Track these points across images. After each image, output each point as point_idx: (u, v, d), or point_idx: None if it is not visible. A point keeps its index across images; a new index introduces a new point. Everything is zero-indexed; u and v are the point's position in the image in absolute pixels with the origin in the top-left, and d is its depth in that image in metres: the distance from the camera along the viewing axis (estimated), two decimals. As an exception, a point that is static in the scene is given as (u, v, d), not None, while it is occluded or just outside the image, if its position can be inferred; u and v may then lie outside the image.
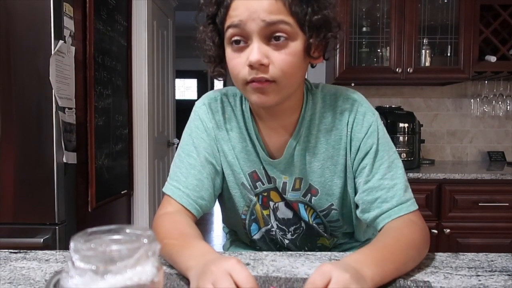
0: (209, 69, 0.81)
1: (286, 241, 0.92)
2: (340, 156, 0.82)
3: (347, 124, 0.81)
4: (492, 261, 0.73)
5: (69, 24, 1.73)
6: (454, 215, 2.00)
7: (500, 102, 2.53)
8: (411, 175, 1.97)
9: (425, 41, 2.30)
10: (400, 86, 2.61)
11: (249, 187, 0.87)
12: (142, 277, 0.37)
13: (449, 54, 2.33)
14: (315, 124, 0.82)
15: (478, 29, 2.23)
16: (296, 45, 0.71)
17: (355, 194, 0.84)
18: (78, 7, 1.84)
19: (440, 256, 0.76)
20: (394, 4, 2.22)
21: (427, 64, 2.31)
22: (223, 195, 0.92)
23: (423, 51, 2.30)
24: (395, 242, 0.70)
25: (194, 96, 6.82)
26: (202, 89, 6.78)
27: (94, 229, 0.41)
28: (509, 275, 0.67)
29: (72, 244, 0.37)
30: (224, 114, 0.86)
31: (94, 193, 1.95)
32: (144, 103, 2.63)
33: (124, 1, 2.44)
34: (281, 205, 0.88)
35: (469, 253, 0.77)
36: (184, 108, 6.39)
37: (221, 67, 0.79)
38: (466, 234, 2.00)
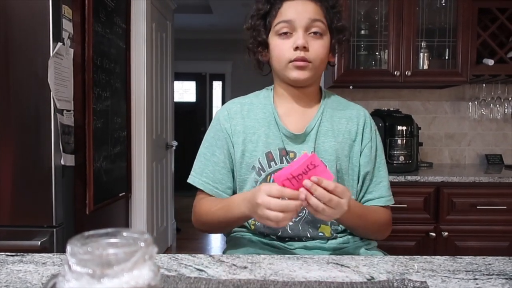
0: (251, 54, 1.06)
1: (290, 223, 0.99)
2: (348, 144, 1.03)
3: (358, 124, 1.04)
4: (489, 264, 0.73)
5: (67, 26, 1.73)
6: (452, 218, 2.00)
7: (498, 105, 2.54)
8: (409, 178, 1.98)
9: (423, 44, 2.30)
10: (399, 89, 2.61)
11: (258, 168, 1.00)
12: (139, 280, 0.37)
13: (447, 57, 2.34)
14: (331, 114, 1.04)
15: (476, 33, 2.24)
16: (326, 40, 1.00)
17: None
18: (77, 10, 1.84)
19: (438, 260, 0.76)
20: (392, 7, 2.22)
21: (425, 67, 2.31)
22: (235, 187, 1.06)
23: (421, 54, 2.31)
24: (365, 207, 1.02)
25: (193, 99, 6.80)
26: (201, 91, 6.77)
27: (91, 232, 0.41)
28: (506, 278, 0.67)
29: (68, 248, 0.37)
30: (241, 112, 1.05)
31: (92, 195, 1.95)
32: (142, 106, 2.63)
33: (123, 4, 2.44)
34: None
35: (466, 257, 0.77)
36: (182, 111, 6.41)
37: (263, 52, 1.04)
38: (464, 237, 2.00)
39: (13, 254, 0.78)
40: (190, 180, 1.05)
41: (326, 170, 0.78)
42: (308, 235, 0.99)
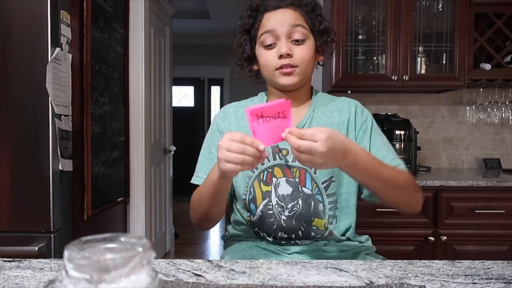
0: (243, 69, 1.12)
1: (283, 218, 1.01)
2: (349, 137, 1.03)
3: (350, 113, 1.05)
4: (488, 268, 0.73)
5: (66, 31, 1.73)
6: (450, 222, 2.00)
7: (495, 110, 2.55)
8: (407, 182, 1.97)
9: (420, 49, 2.31)
10: (396, 94, 2.62)
11: None
12: (136, 286, 0.37)
13: (444, 62, 2.35)
14: (322, 110, 1.07)
15: (473, 37, 2.25)
16: (310, 44, 1.02)
17: None
18: (75, 15, 1.84)
19: (436, 264, 0.76)
20: (390, 13, 2.23)
21: (423, 71, 2.32)
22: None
23: (419, 58, 2.32)
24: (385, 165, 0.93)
25: (191, 104, 6.80)
26: (199, 96, 6.77)
27: (89, 237, 0.40)
28: (505, 282, 0.67)
29: (66, 253, 0.37)
30: (236, 114, 1.10)
31: (90, 200, 1.94)
32: (141, 110, 2.63)
33: (121, 9, 2.45)
34: (282, 180, 1.02)
35: (465, 261, 0.77)
36: (181, 115, 6.40)
37: (252, 65, 1.11)
38: (463, 241, 2.00)
39: (10, 259, 0.77)
40: (192, 180, 1.08)
41: (291, 125, 0.78)
42: (302, 229, 1.01)
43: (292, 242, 1.01)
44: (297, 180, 1.01)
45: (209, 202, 0.95)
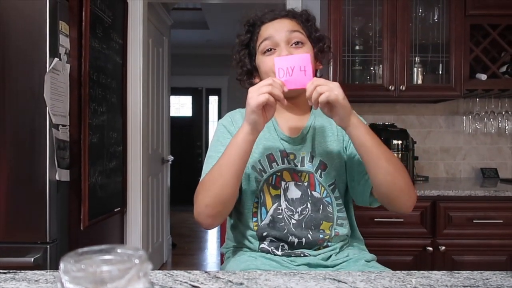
0: (243, 82, 1.14)
1: (293, 222, 1.02)
2: (341, 140, 1.09)
3: None
4: (487, 279, 0.73)
5: (64, 42, 1.74)
6: (449, 232, 1.99)
7: (491, 119, 2.56)
8: (405, 192, 1.97)
9: (417, 59, 2.33)
10: (393, 104, 2.64)
11: (259, 169, 1.05)
12: (133, 298, 0.37)
13: (440, 72, 2.36)
14: (321, 120, 1.10)
15: (469, 48, 2.27)
16: (308, 48, 1.06)
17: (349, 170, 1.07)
18: (74, 25, 1.85)
19: (435, 275, 0.75)
20: (386, 24, 2.26)
21: (419, 82, 2.34)
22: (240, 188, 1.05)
23: (415, 69, 2.33)
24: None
25: (189, 113, 6.81)
26: (197, 106, 6.79)
27: (85, 249, 0.40)
28: (504, 293, 0.66)
29: (62, 265, 0.37)
30: (242, 118, 1.07)
31: (87, 211, 1.93)
32: (138, 120, 2.63)
33: (120, 20, 2.46)
34: (291, 184, 1.04)
35: (464, 272, 0.77)
36: (179, 125, 6.40)
37: (252, 78, 1.13)
38: (461, 251, 1.99)
39: (5, 271, 0.76)
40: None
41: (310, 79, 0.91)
42: (311, 233, 1.02)
43: (300, 252, 1.01)
44: (306, 184, 1.04)
45: (229, 169, 0.90)
